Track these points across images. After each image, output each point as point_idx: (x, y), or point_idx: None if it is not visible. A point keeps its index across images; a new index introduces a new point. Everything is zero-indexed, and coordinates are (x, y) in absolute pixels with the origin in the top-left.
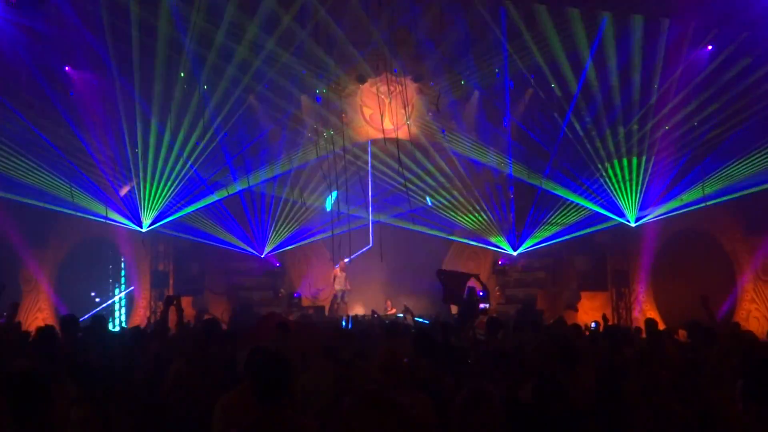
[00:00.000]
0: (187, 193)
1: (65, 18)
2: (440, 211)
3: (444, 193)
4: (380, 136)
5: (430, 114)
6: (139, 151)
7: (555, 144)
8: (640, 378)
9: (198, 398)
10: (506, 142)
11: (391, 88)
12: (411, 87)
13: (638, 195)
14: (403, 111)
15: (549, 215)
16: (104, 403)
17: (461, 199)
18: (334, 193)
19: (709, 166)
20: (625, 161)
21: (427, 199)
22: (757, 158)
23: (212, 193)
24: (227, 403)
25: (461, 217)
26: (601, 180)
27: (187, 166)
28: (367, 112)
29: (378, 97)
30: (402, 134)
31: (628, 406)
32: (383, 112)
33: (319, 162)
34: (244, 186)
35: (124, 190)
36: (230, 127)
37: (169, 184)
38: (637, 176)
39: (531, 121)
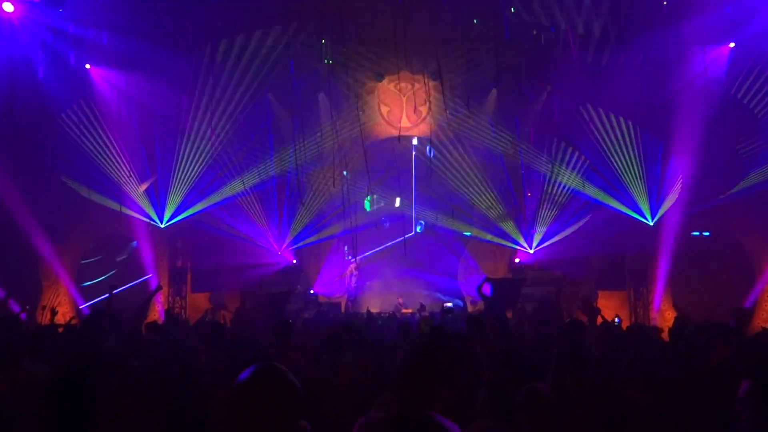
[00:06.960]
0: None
1: (87, 16)
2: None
3: (462, 187)
4: (397, 133)
5: (448, 111)
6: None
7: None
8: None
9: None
10: (524, 139)
11: (409, 86)
12: (429, 84)
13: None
14: (420, 109)
15: (567, 214)
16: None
17: (479, 193)
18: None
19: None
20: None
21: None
22: None
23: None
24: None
25: (481, 206)
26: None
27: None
28: (384, 109)
29: (396, 94)
30: (419, 131)
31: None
32: (401, 110)
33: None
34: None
35: (143, 186)
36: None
37: (188, 180)
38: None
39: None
